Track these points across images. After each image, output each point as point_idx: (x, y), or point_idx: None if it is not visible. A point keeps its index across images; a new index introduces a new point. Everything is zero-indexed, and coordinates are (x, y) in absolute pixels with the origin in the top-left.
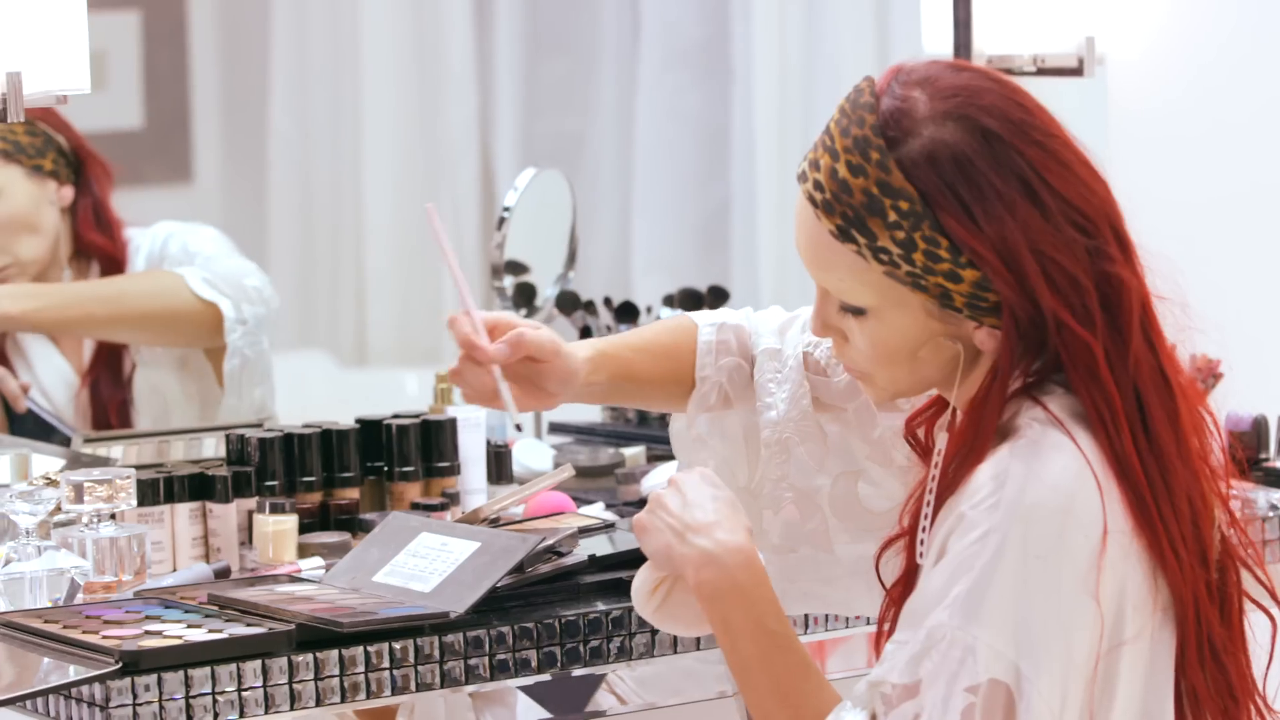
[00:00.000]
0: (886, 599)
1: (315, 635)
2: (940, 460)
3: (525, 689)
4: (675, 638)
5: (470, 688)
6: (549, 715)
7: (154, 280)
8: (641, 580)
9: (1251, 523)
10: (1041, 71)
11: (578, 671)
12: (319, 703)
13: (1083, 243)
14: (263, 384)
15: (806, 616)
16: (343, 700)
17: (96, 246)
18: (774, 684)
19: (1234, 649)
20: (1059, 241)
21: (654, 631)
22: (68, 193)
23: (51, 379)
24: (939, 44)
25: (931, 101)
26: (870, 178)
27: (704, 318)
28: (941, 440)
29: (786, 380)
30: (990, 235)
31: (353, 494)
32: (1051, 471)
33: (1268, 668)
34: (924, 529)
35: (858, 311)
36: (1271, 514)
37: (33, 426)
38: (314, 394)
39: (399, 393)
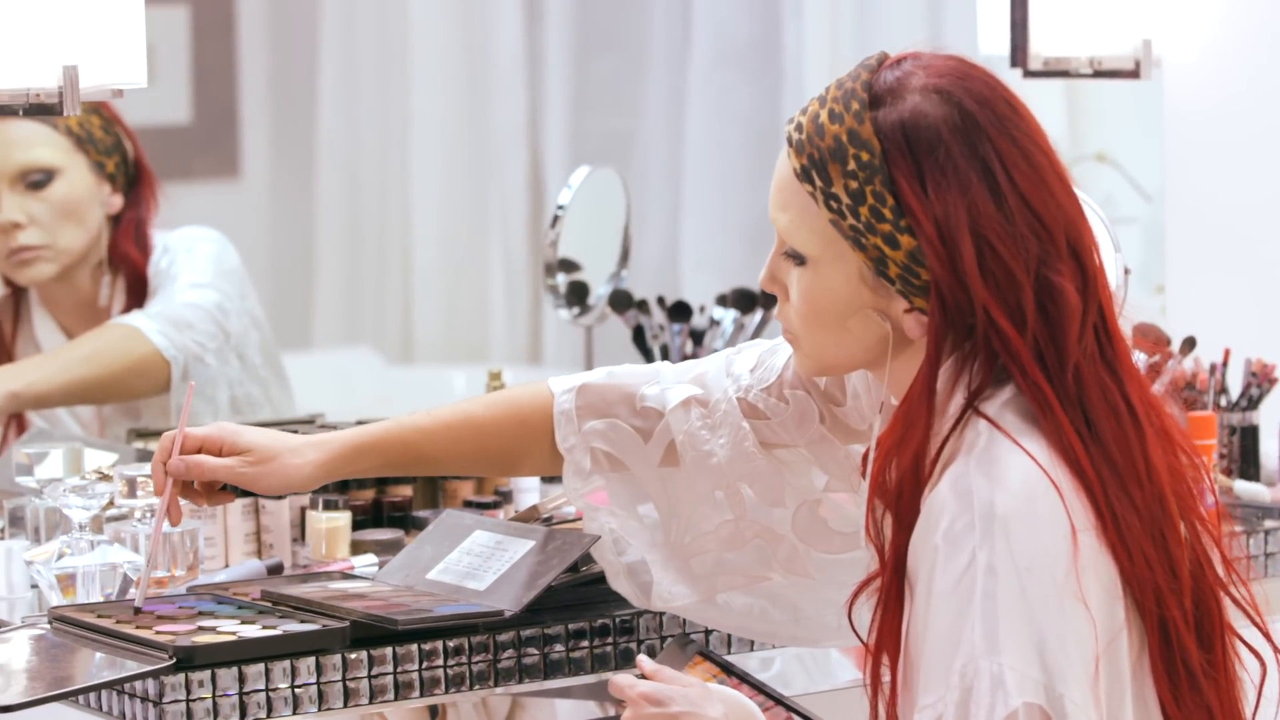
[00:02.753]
0: (873, 636)
1: (369, 632)
2: (877, 452)
3: (579, 688)
4: (730, 636)
5: (524, 686)
6: (602, 714)
7: (120, 335)
8: None
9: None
10: (1098, 74)
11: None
12: (372, 700)
13: (1033, 245)
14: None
15: None
16: (396, 698)
17: (129, 261)
18: None
19: (1216, 675)
20: (1005, 234)
21: (709, 631)
22: (117, 201)
23: None
24: (995, 45)
25: (926, 78)
26: (844, 125)
27: (559, 384)
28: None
29: (722, 425)
30: (935, 207)
31: (406, 491)
32: (1013, 477)
33: (1257, 703)
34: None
35: (799, 260)
36: None
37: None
38: (361, 391)
39: (446, 390)
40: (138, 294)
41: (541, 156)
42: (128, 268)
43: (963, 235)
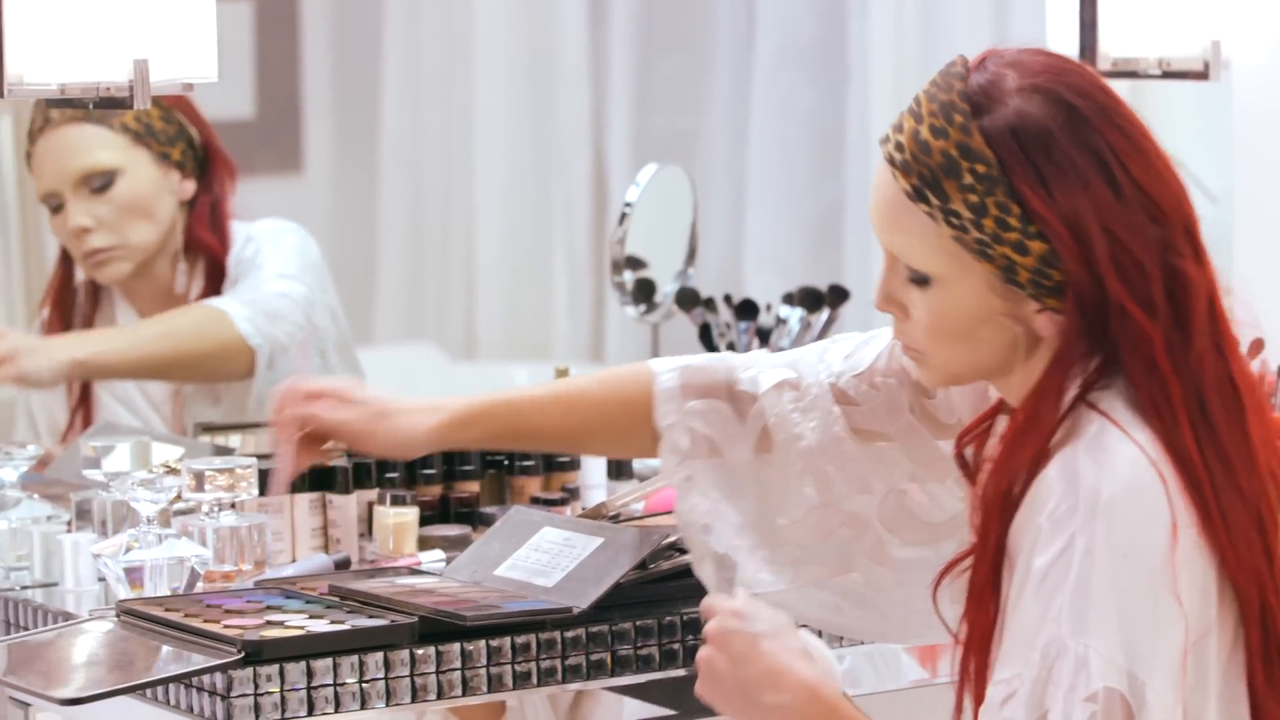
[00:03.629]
0: (964, 630)
1: (437, 628)
2: (998, 456)
3: (647, 685)
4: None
5: (591, 683)
6: (670, 712)
7: (203, 317)
8: None
9: None
10: (1167, 74)
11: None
12: (440, 696)
13: (1154, 232)
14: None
15: None
16: (464, 694)
17: (206, 246)
18: None
19: None
20: (1130, 225)
21: None
22: (189, 186)
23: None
24: (1063, 45)
25: (1021, 77)
26: (951, 139)
27: (661, 364)
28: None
29: (813, 409)
30: (1063, 207)
31: (473, 487)
32: (1121, 465)
33: None
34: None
35: (922, 280)
36: None
37: None
38: (423, 387)
39: (508, 386)
40: (215, 280)
41: (605, 154)
42: (205, 253)
43: (1093, 231)
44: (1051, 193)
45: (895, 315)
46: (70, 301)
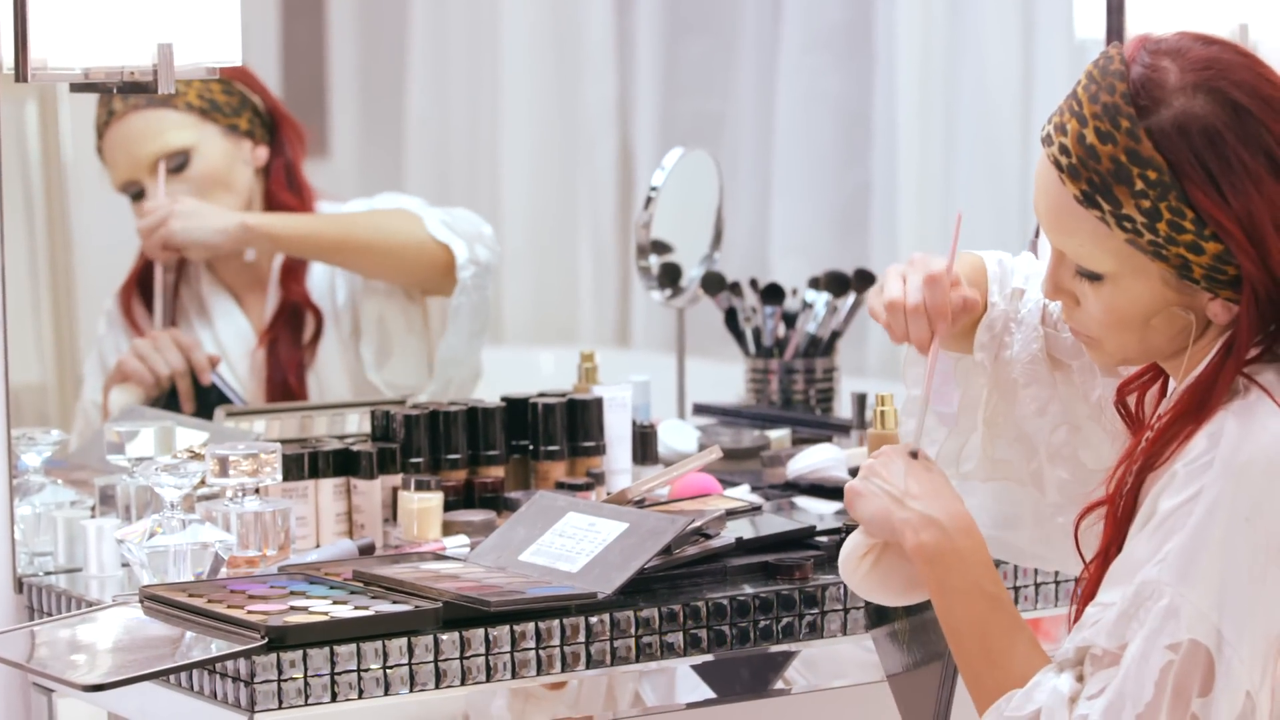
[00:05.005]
0: (1086, 570)
1: (461, 614)
2: (1157, 429)
3: (673, 670)
4: (820, 624)
5: (616, 669)
6: (697, 696)
7: (394, 217)
8: (852, 546)
9: None
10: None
11: (724, 654)
12: (464, 681)
13: None
14: (483, 332)
15: (1017, 593)
16: (488, 679)
17: (288, 208)
18: (985, 647)
19: None
20: None
21: (799, 616)
22: (262, 153)
23: (231, 338)
24: (1089, 28)
25: (1182, 73)
26: (1119, 145)
27: (989, 254)
28: (1152, 409)
29: (1023, 323)
30: (1236, 209)
31: (498, 472)
32: (1265, 434)
33: None
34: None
35: (1094, 277)
36: None
37: (215, 399)
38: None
39: (534, 371)
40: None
41: (631, 139)
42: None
43: (1267, 230)
44: (1224, 195)
45: (1065, 304)
46: (150, 289)
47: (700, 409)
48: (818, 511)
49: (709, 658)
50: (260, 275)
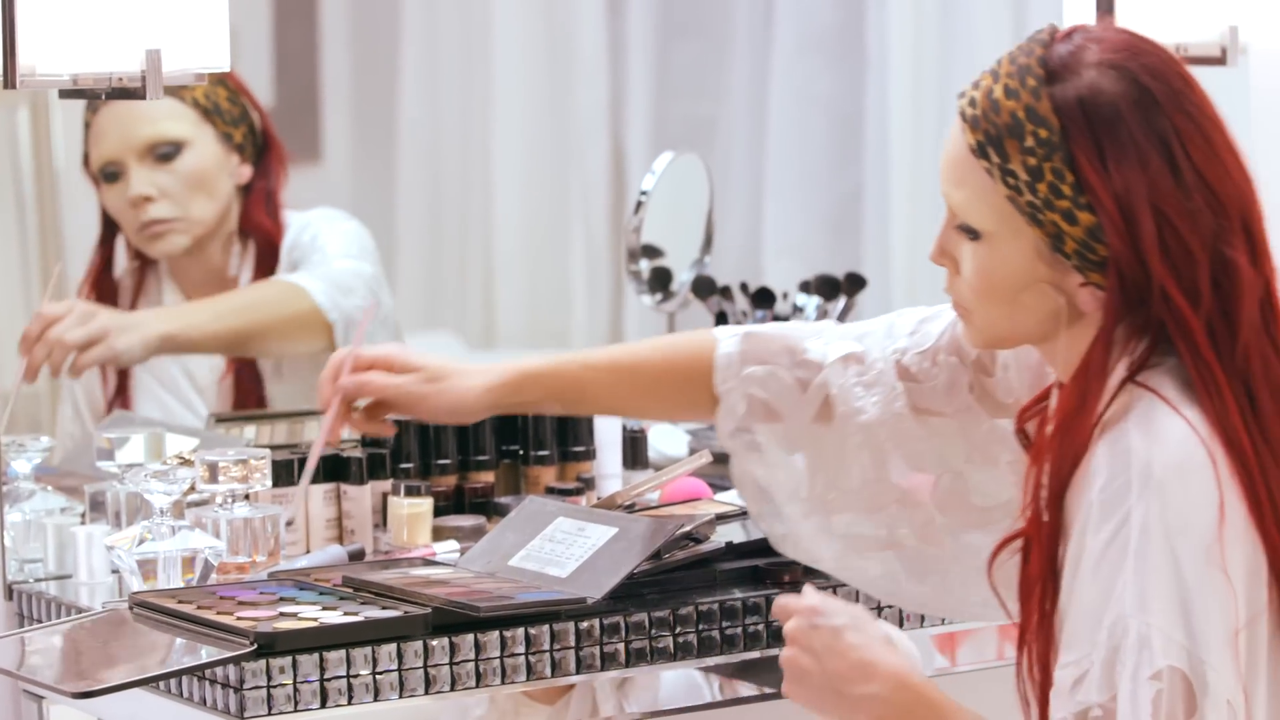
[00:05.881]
0: (1025, 606)
1: (451, 619)
2: (1050, 434)
3: (662, 676)
4: None
5: (606, 674)
6: (686, 703)
7: (279, 289)
8: None
9: None
10: (1184, 61)
11: (714, 659)
12: (454, 687)
13: (1208, 220)
14: None
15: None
16: (478, 685)
17: (260, 229)
18: None
19: None
20: (1183, 210)
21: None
22: (245, 171)
23: (196, 360)
24: None
25: (1101, 52)
26: (1020, 101)
27: (725, 331)
28: None
29: (876, 384)
30: (1115, 181)
31: (488, 477)
32: (1171, 442)
33: None
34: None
35: (973, 235)
36: None
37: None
38: None
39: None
40: (267, 265)
41: (623, 142)
42: (260, 237)
43: (1143, 211)
44: (1107, 166)
45: (948, 270)
46: (111, 287)
47: None
48: None
49: (699, 662)
50: (227, 285)
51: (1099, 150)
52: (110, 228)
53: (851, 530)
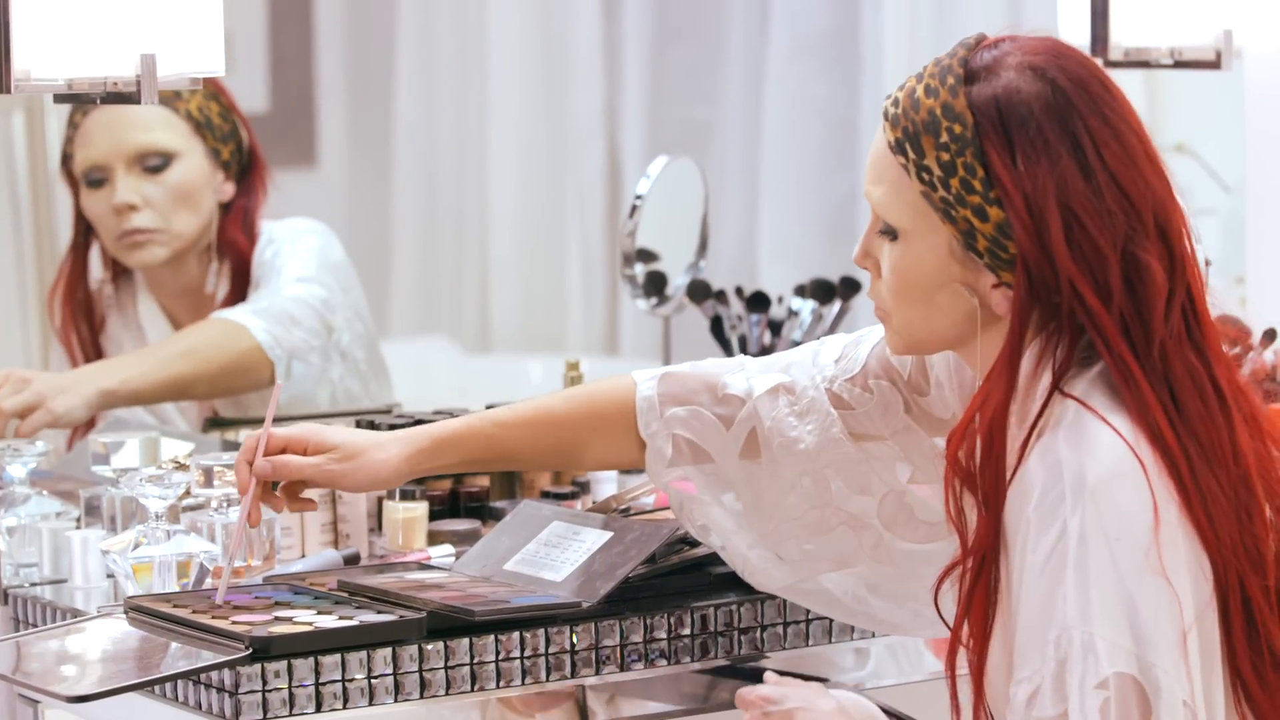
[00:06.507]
0: (954, 631)
1: (446, 623)
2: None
3: (656, 679)
4: (808, 628)
5: (600, 678)
6: (680, 706)
7: (219, 330)
8: None
9: None
10: (1179, 64)
11: (710, 663)
12: (449, 691)
13: (1120, 221)
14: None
15: None
16: (473, 689)
17: (235, 248)
18: None
19: None
20: (1092, 209)
21: (787, 624)
22: (228, 189)
23: None
24: (1075, 35)
25: (1021, 55)
26: (938, 99)
27: (642, 375)
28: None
29: (809, 412)
30: (1023, 175)
31: (483, 482)
32: (1101, 450)
33: None
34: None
35: (891, 234)
36: None
37: None
38: (437, 380)
39: (522, 379)
40: (241, 281)
41: (619, 146)
42: (234, 255)
43: (1050, 208)
44: (1016, 162)
45: (871, 273)
46: (85, 297)
47: None
48: None
49: (694, 666)
50: (203, 299)
51: (1010, 146)
52: (84, 234)
53: (805, 553)
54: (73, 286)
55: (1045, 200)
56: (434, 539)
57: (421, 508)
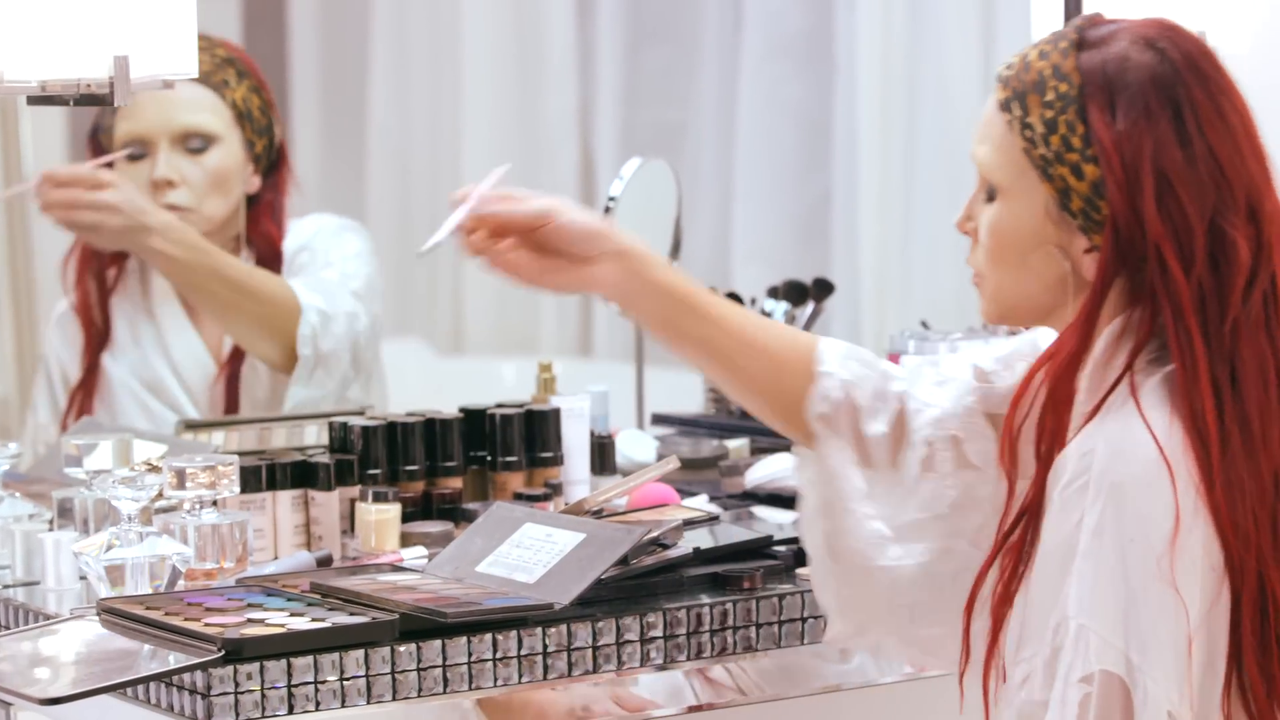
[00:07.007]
0: (997, 577)
1: (418, 625)
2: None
3: (629, 682)
4: (780, 632)
5: (573, 680)
6: (653, 709)
7: (286, 293)
8: None
9: None
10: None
11: (682, 665)
12: (421, 693)
13: (1211, 193)
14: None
15: None
16: (445, 691)
17: (264, 239)
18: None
19: None
20: (1185, 176)
21: (758, 625)
22: (255, 182)
23: (185, 361)
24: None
25: (1135, 30)
26: (1049, 61)
27: (830, 359)
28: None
29: (962, 468)
30: (1121, 134)
31: (456, 483)
32: (1136, 450)
33: None
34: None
35: (991, 196)
36: None
37: None
38: (410, 382)
39: (495, 382)
40: (271, 268)
41: (592, 148)
42: (265, 246)
43: (1144, 168)
44: (1115, 120)
45: (971, 239)
46: (99, 265)
47: (659, 419)
48: (776, 521)
49: (666, 669)
50: None
51: (1111, 106)
52: None
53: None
54: (89, 253)
55: (1140, 160)
56: (406, 541)
57: (394, 510)
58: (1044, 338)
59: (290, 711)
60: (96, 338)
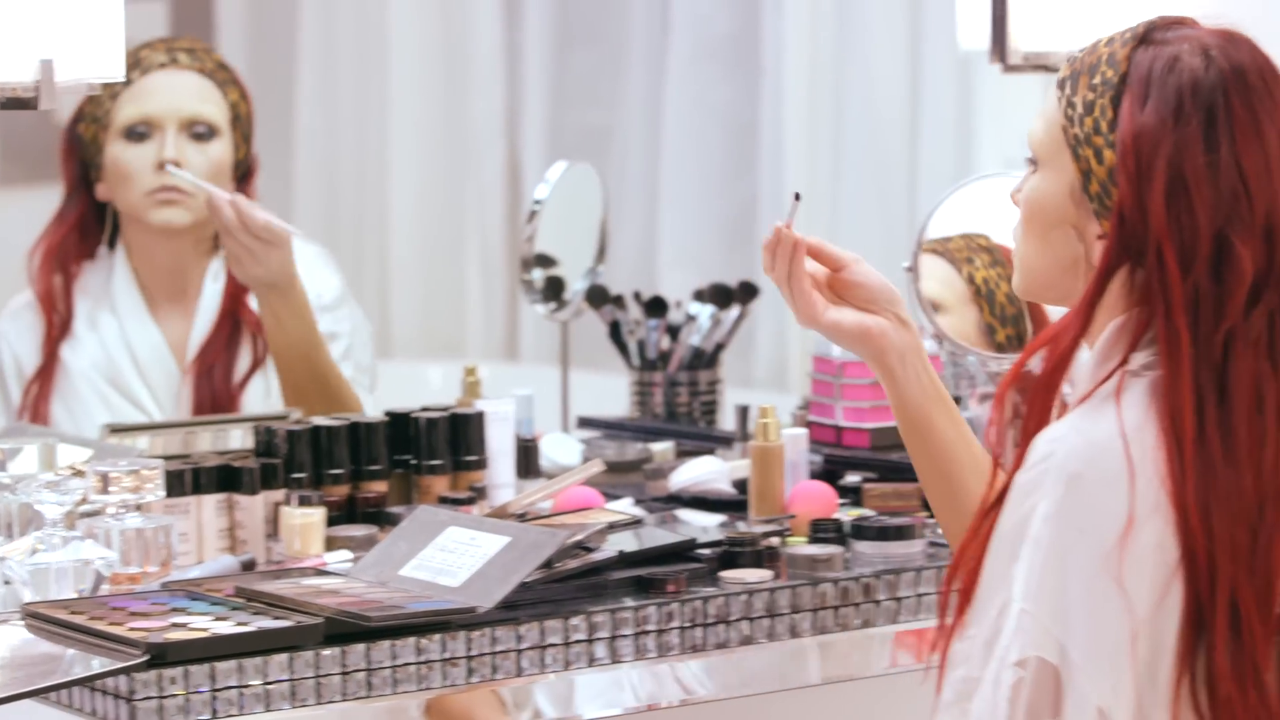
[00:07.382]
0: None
1: (342, 629)
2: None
3: (552, 685)
4: (701, 638)
5: (497, 683)
6: (576, 712)
7: (352, 392)
8: None
9: None
10: None
11: (604, 669)
12: (345, 697)
13: (1226, 202)
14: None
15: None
16: (369, 694)
17: None
18: None
19: None
20: (1204, 182)
21: (682, 628)
22: (228, 189)
23: (147, 357)
24: (974, 39)
25: (1199, 36)
26: (1111, 49)
27: None
28: None
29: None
30: (1143, 127)
31: (380, 487)
32: (1097, 446)
33: None
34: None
35: (1034, 166)
36: None
37: None
38: None
39: (422, 385)
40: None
41: (519, 151)
42: None
43: (1158, 164)
44: (1144, 114)
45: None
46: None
47: (585, 422)
48: (700, 524)
49: (591, 671)
50: (187, 286)
51: (1144, 99)
52: (85, 187)
53: None
54: (60, 238)
55: (1155, 154)
56: (331, 545)
57: (318, 513)
58: None
59: (214, 716)
60: (58, 326)
